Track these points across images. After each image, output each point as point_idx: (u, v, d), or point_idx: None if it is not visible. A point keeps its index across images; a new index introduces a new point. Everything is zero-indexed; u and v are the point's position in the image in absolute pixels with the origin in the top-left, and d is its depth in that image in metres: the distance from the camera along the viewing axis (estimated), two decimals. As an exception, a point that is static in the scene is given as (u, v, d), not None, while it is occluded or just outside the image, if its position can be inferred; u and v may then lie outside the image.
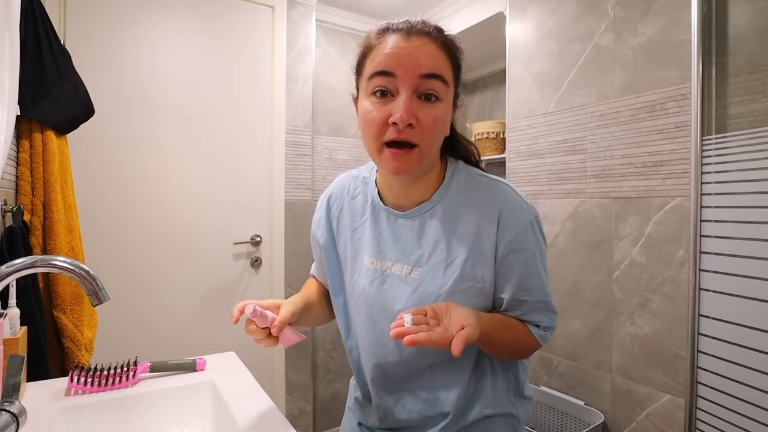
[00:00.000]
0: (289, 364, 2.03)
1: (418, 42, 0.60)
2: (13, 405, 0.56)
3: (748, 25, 1.11)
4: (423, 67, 0.59)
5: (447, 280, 0.65)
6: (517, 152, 1.76)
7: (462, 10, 2.03)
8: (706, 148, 1.15)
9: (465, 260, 0.64)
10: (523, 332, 0.67)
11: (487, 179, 0.69)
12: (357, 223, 0.74)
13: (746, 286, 1.06)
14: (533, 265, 0.65)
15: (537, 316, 0.67)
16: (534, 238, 0.65)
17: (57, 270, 0.66)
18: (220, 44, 1.85)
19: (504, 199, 0.65)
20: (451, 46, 0.62)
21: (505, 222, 0.64)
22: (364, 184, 0.76)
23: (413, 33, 0.60)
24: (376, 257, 0.70)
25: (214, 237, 1.85)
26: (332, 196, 0.80)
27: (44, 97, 1.17)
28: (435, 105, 0.60)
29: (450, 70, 0.62)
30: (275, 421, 0.72)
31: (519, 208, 0.65)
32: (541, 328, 0.67)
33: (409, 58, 0.59)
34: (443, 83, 0.60)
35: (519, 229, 0.63)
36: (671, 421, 1.28)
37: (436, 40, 0.60)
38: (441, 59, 0.60)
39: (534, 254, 0.65)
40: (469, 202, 0.66)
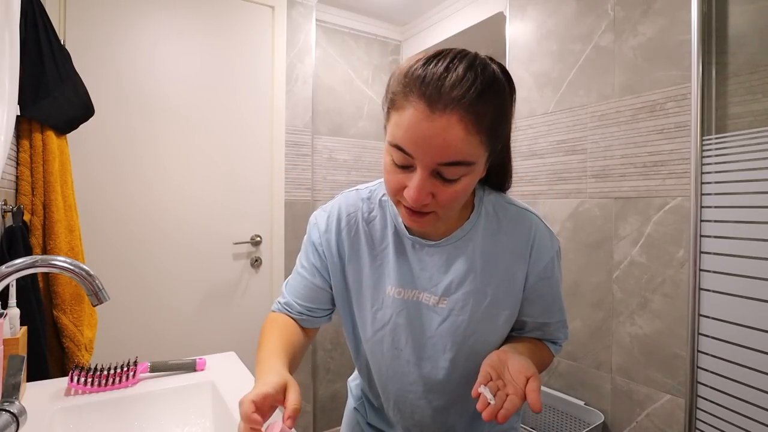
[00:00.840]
0: (289, 364, 2.03)
1: (442, 124, 0.49)
2: (13, 405, 0.56)
3: (748, 25, 1.11)
4: (443, 156, 0.51)
5: (477, 309, 0.65)
6: (517, 152, 1.76)
7: (462, 10, 2.03)
8: (706, 148, 1.15)
9: (496, 289, 0.66)
10: (546, 351, 0.73)
11: (516, 208, 0.68)
12: (377, 250, 0.69)
13: (746, 286, 1.06)
14: (556, 291, 0.70)
15: (556, 335, 0.74)
16: (558, 266, 0.70)
17: (57, 270, 0.66)
18: (220, 44, 1.85)
19: (536, 232, 0.66)
20: (487, 111, 0.50)
21: (537, 253, 0.66)
22: (380, 208, 0.70)
23: (439, 106, 0.49)
24: (403, 287, 0.67)
25: (214, 237, 1.85)
26: (342, 216, 0.72)
27: (44, 97, 1.17)
28: (456, 183, 0.54)
29: (479, 146, 0.52)
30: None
31: (548, 240, 0.67)
32: (558, 344, 0.75)
33: (429, 144, 0.50)
34: (467, 166, 0.52)
35: (548, 259, 0.67)
36: (671, 421, 1.28)
37: (465, 115, 0.49)
38: (467, 141, 0.50)
39: (557, 280, 0.70)
40: (500, 232, 0.66)
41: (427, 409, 0.71)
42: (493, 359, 0.58)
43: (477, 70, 0.51)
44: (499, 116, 0.53)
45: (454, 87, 0.49)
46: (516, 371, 0.56)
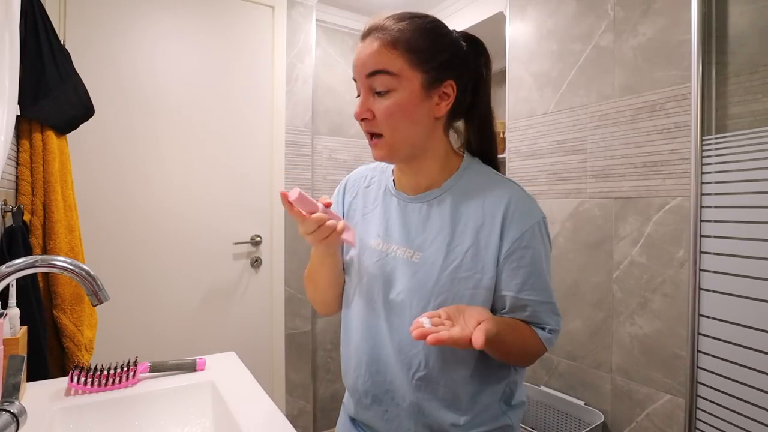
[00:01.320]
0: (289, 364, 2.03)
1: (366, 44, 0.65)
2: (13, 405, 0.56)
3: (748, 25, 1.11)
4: (366, 67, 0.64)
5: (446, 267, 0.66)
6: (517, 152, 1.76)
7: (462, 10, 2.03)
8: (706, 148, 1.15)
9: (466, 250, 0.66)
10: (531, 335, 0.67)
11: (499, 177, 0.71)
12: (368, 208, 0.77)
13: (746, 286, 1.06)
14: (539, 265, 0.66)
15: (543, 318, 0.67)
16: (540, 238, 0.66)
17: (57, 270, 0.66)
18: (220, 44, 1.85)
19: (512, 196, 0.66)
20: (402, 35, 0.64)
21: (511, 219, 0.65)
22: (381, 173, 0.80)
23: (367, 35, 0.65)
24: (382, 238, 0.73)
25: (214, 237, 1.85)
26: (349, 180, 0.84)
27: (44, 97, 1.17)
28: (386, 97, 0.64)
29: (400, 59, 0.63)
30: (275, 421, 0.72)
31: (526, 207, 0.66)
32: (546, 330, 0.68)
33: (359, 62, 0.65)
34: (389, 75, 0.63)
35: (526, 227, 0.65)
36: (671, 421, 1.28)
37: (382, 36, 0.64)
38: (383, 54, 0.63)
39: (540, 253, 0.66)
40: (477, 194, 0.68)
41: (396, 371, 0.69)
42: (451, 307, 0.59)
43: (406, 14, 0.66)
44: (422, 41, 0.64)
45: (376, 23, 0.65)
46: (470, 317, 0.56)
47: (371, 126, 0.66)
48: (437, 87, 0.66)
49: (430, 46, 0.65)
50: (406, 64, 0.64)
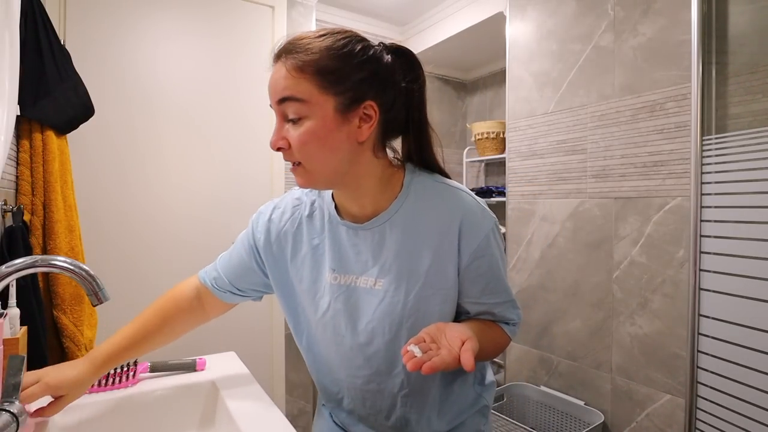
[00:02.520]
0: (289, 364, 2.03)
1: (274, 69, 0.62)
2: (13, 405, 0.56)
3: (748, 25, 1.11)
4: (276, 93, 0.61)
5: (411, 289, 0.65)
6: (517, 152, 1.76)
7: (462, 10, 2.03)
8: (706, 148, 1.15)
9: (428, 268, 0.65)
10: (498, 331, 0.71)
11: (445, 186, 0.68)
12: (317, 240, 0.72)
13: (746, 286, 1.06)
14: (496, 269, 0.68)
15: (507, 315, 0.71)
16: (495, 243, 0.67)
17: (57, 270, 0.66)
18: (220, 44, 1.85)
19: (463, 208, 0.65)
20: (309, 57, 0.58)
21: (467, 231, 0.64)
22: (320, 199, 0.75)
23: (277, 58, 0.61)
24: (339, 272, 0.69)
25: (214, 237, 1.84)
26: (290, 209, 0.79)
27: (44, 97, 1.17)
28: (299, 124, 0.60)
29: (307, 86, 0.58)
30: (275, 421, 0.72)
31: (479, 217, 0.65)
32: (510, 324, 0.72)
33: (270, 88, 0.62)
34: (297, 101, 0.59)
35: (482, 237, 0.65)
36: (671, 421, 1.28)
37: (287, 61, 0.59)
38: (290, 79, 0.59)
39: (495, 258, 0.67)
40: (428, 211, 0.66)
41: (378, 394, 0.71)
42: (431, 327, 0.58)
43: (319, 32, 0.62)
44: (332, 64, 0.59)
45: (283, 46, 0.61)
46: (452, 336, 0.55)
47: (288, 155, 0.63)
48: (355, 109, 0.60)
49: (342, 67, 0.59)
50: (315, 89, 0.59)
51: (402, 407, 0.70)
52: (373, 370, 0.69)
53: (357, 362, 0.70)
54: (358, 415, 0.74)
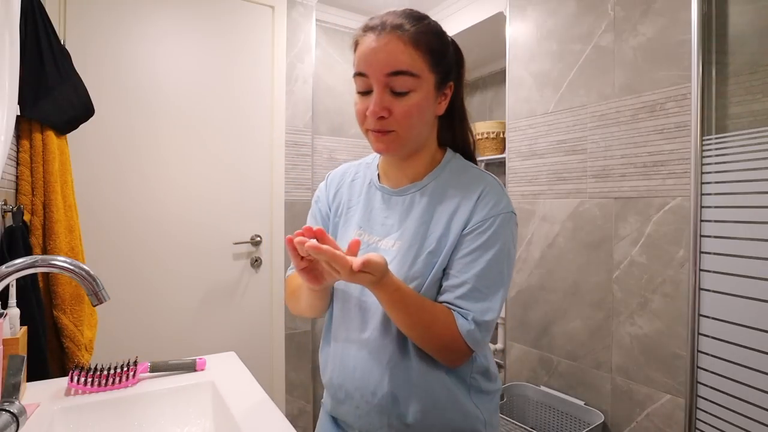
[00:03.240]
0: (289, 364, 2.03)
1: (385, 40, 0.63)
2: (13, 405, 0.56)
3: (748, 25, 1.11)
4: (388, 65, 0.63)
5: (420, 253, 0.67)
6: (517, 152, 1.76)
7: (462, 10, 2.03)
8: (706, 148, 1.15)
9: (440, 235, 0.67)
10: (445, 315, 0.64)
11: (479, 170, 0.73)
12: (353, 201, 0.79)
13: (746, 286, 1.06)
14: (489, 250, 0.64)
15: (467, 303, 0.64)
16: (501, 228, 0.66)
17: (57, 270, 0.66)
18: (220, 44, 1.85)
19: (488, 185, 0.69)
20: (420, 37, 0.63)
21: (483, 203, 0.67)
22: (366, 168, 0.82)
23: (384, 31, 0.63)
24: (364, 230, 0.74)
25: (214, 237, 1.85)
26: (330, 176, 0.86)
27: (44, 97, 1.17)
28: (407, 97, 0.64)
29: (421, 60, 0.64)
30: (275, 421, 0.72)
31: (499, 197, 0.68)
32: (468, 318, 0.63)
33: (376, 58, 0.63)
34: (412, 76, 0.63)
35: (494, 213, 0.66)
36: (671, 421, 1.28)
37: (402, 35, 0.62)
38: (407, 54, 0.63)
39: (495, 241, 0.65)
40: (456, 186, 0.70)
41: (368, 362, 0.68)
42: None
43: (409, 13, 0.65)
44: (436, 43, 0.66)
45: (393, 20, 0.64)
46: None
47: (383, 123, 0.65)
48: (443, 88, 0.69)
49: (442, 47, 0.66)
50: (426, 66, 0.64)
51: (390, 383, 0.67)
52: (368, 332, 0.69)
53: (355, 323, 0.71)
54: (346, 391, 0.71)
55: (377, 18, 0.65)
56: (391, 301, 0.62)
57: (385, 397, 0.67)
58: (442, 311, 0.65)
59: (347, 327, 0.73)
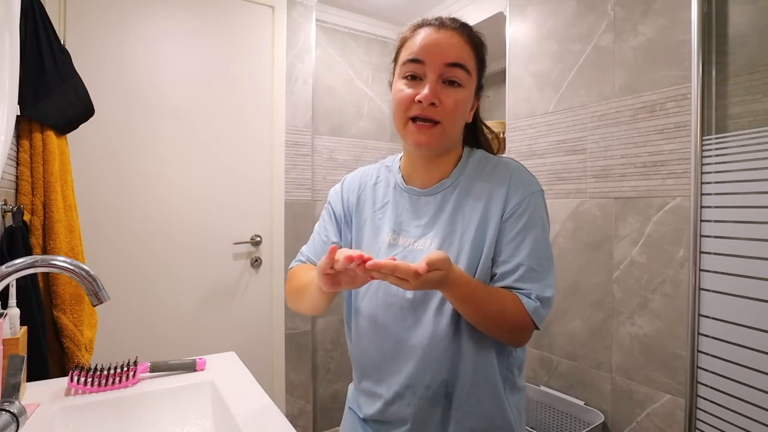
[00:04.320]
0: (289, 364, 2.03)
1: (447, 34, 0.68)
2: (13, 405, 0.56)
3: (748, 25, 1.11)
4: (449, 56, 0.67)
5: (463, 247, 0.68)
6: (517, 152, 1.76)
7: (462, 10, 2.03)
8: (706, 148, 1.15)
9: (478, 225, 0.69)
10: (513, 301, 0.65)
11: (498, 158, 0.76)
12: (378, 205, 0.79)
13: (746, 286, 1.06)
14: (532, 230, 0.68)
15: (527, 284, 0.66)
16: (536, 207, 0.69)
17: (57, 270, 0.66)
18: (220, 44, 1.85)
19: (514, 169, 0.72)
20: (476, 41, 0.70)
21: (515, 186, 0.69)
22: (387, 171, 0.82)
23: (443, 27, 0.68)
24: (398, 233, 0.75)
25: (214, 237, 1.85)
26: (346, 181, 0.86)
27: (44, 97, 1.17)
28: (457, 90, 0.68)
29: (473, 62, 0.69)
30: (275, 421, 0.72)
31: (528, 177, 0.71)
32: (531, 297, 0.65)
33: (438, 48, 0.67)
34: (466, 72, 0.68)
35: (527, 194, 0.69)
36: (671, 421, 1.28)
37: (462, 34, 0.68)
38: (465, 51, 0.68)
39: (535, 221, 0.68)
40: (482, 174, 0.73)
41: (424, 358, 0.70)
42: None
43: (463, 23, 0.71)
44: (484, 51, 0.72)
45: (451, 21, 0.70)
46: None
47: (433, 112, 0.67)
48: (477, 95, 0.74)
49: (484, 58, 0.73)
50: (475, 67, 0.70)
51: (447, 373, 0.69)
52: (420, 329, 0.70)
53: (407, 323, 0.71)
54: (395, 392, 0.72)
55: (432, 19, 0.70)
56: (463, 296, 0.63)
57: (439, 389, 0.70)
58: (509, 297, 0.66)
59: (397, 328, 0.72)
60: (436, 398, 0.70)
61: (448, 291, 0.62)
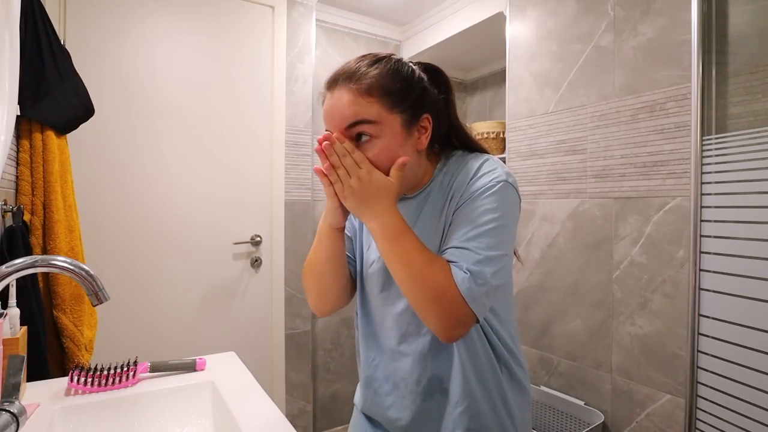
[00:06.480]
0: (289, 364, 2.03)
1: (338, 96, 0.65)
2: (13, 405, 0.56)
3: (748, 25, 1.11)
4: (344, 119, 0.64)
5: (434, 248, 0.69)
6: (517, 152, 1.76)
7: (462, 10, 2.03)
8: (706, 148, 1.15)
9: (442, 222, 0.70)
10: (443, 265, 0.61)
11: (473, 155, 0.73)
12: None
13: (746, 286, 1.06)
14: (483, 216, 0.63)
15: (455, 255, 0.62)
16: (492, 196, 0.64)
17: (57, 270, 0.66)
18: (220, 44, 1.85)
19: (482, 162, 0.70)
20: (375, 81, 0.64)
21: (476, 177, 0.68)
22: None
23: (335, 86, 0.66)
24: None
25: (214, 237, 1.85)
26: None
27: (44, 97, 1.17)
28: (370, 143, 0.65)
29: (377, 107, 0.64)
30: (275, 421, 0.72)
31: (492, 168, 0.68)
32: (462, 269, 0.60)
33: (334, 115, 0.65)
34: (369, 124, 0.64)
35: (486, 182, 0.66)
36: (671, 421, 1.28)
37: (353, 86, 0.64)
38: (358, 104, 0.63)
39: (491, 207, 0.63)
40: (451, 175, 0.72)
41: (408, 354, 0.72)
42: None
43: (367, 58, 0.67)
44: (393, 84, 0.65)
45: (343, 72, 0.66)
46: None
47: None
48: (416, 123, 0.68)
49: (401, 87, 0.66)
50: (383, 110, 0.64)
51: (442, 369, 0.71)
52: (404, 329, 0.72)
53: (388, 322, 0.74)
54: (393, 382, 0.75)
55: (333, 73, 0.67)
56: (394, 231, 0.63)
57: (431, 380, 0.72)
58: (440, 259, 0.63)
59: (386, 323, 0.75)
60: (430, 393, 0.72)
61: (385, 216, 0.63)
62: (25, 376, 0.80)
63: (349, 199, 0.64)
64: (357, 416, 0.85)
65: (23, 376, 0.68)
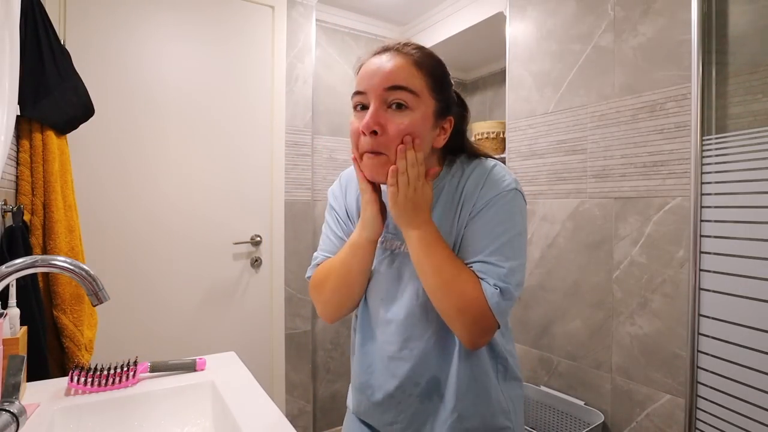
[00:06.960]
0: (289, 364, 2.03)
1: (386, 57, 0.65)
2: (13, 405, 0.56)
3: (748, 25, 1.11)
4: (387, 80, 0.63)
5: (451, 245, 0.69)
6: (517, 152, 1.76)
7: (462, 10, 2.03)
8: (706, 148, 1.15)
9: (451, 227, 0.70)
10: (471, 274, 0.64)
11: (478, 160, 0.73)
12: None
13: (746, 286, 1.06)
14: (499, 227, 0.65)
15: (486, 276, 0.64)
16: (506, 205, 0.66)
17: (57, 270, 0.66)
18: (220, 44, 1.85)
19: (489, 170, 0.70)
20: (425, 59, 0.66)
21: (487, 186, 0.67)
22: None
23: (386, 51, 0.66)
24: (385, 235, 0.74)
25: (214, 237, 1.85)
26: (342, 177, 0.86)
27: (44, 97, 1.17)
28: (404, 113, 0.64)
29: (421, 82, 0.64)
30: (275, 421, 0.72)
31: (501, 176, 0.69)
32: (490, 284, 0.63)
33: (376, 73, 0.64)
34: (411, 93, 0.63)
35: (498, 192, 0.66)
36: (671, 421, 1.28)
37: (405, 55, 0.65)
38: (407, 71, 0.64)
39: (503, 218, 0.66)
40: (458, 180, 0.71)
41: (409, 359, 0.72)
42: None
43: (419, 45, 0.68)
44: (438, 69, 0.67)
45: (396, 44, 0.66)
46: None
47: (377, 144, 0.64)
48: (443, 119, 0.68)
49: (444, 78, 0.68)
50: (426, 87, 0.65)
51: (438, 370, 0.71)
52: (407, 334, 0.71)
53: (390, 328, 0.73)
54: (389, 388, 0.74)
55: (382, 45, 0.68)
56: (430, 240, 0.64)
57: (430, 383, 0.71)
58: (469, 271, 0.65)
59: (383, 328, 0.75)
60: (427, 395, 0.72)
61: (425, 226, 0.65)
62: (25, 376, 0.80)
63: (399, 206, 0.65)
64: (350, 419, 0.84)
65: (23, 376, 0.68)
